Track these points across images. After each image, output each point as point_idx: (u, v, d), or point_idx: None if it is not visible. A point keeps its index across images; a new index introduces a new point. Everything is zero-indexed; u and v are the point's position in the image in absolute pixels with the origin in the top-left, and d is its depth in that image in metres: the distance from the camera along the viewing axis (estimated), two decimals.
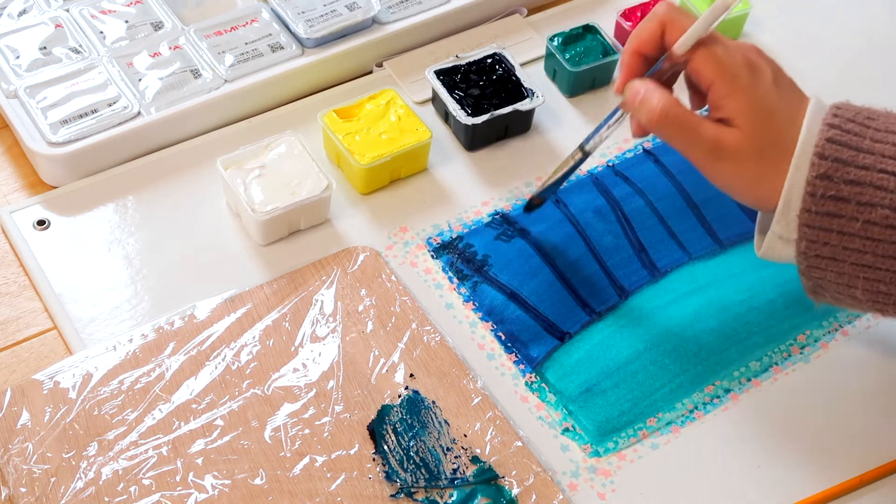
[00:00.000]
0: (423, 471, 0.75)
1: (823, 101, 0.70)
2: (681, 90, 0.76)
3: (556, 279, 0.86)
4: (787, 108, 0.70)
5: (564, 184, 0.85)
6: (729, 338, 0.83)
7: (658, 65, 0.74)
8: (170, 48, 0.97)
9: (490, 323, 0.84)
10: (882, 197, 0.66)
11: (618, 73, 0.76)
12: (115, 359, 0.79)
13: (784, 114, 0.70)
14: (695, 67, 0.72)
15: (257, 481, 0.74)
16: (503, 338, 0.83)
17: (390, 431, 0.76)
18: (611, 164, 0.94)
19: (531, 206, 0.87)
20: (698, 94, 0.76)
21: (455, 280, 0.86)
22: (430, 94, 0.97)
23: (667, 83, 0.75)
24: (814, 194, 0.67)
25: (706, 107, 0.73)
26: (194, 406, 0.77)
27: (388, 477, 0.74)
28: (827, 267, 0.69)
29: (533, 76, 0.97)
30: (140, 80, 0.94)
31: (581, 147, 0.81)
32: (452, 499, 0.74)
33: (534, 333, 0.83)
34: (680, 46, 0.72)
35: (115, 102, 0.93)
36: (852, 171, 0.67)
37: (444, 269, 0.87)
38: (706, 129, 0.71)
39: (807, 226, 0.68)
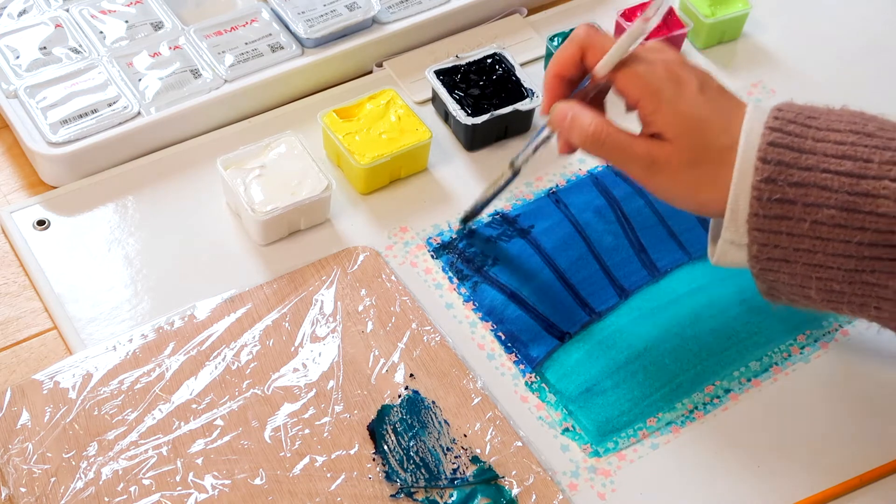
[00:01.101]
0: (423, 471, 0.75)
1: (762, 105, 0.70)
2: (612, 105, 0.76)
3: (556, 279, 0.86)
4: (717, 115, 0.70)
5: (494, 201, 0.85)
6: (729, 338, 0.83)
7: (582, 84, 0.75)
8: (170, 48, 0.97)
9: (490, 323, 0.84)
10: (827, 197, 0.66)
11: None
12: (115, 359, 0.79)
13: (714, 121, 0.70)
14: (620, 87, 0.73)
15: (257, 481, 0.74)
16: (503, 338, 0.83)
17: (390, 431, 0.76)
18: None
19: (463, 223, 0.88)
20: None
21: (455, 280, 0.86)
22: (430, 94, 0.97)
23: (597, 98, 0.76)
24: (760, 198, 0.67)
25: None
26: (194, 406, 0.77)
27: (388, 477, 0.74)
28: (779, 269, 0.69)
29: (533, 76, 0.97)
30: (140, 80, 0.94)
31: (511, 164, 0.82)
32: (452, 499, 0.74)
33: (534, 333, 0.83)
34: (601, 69, 0.73)
35: (115, 102, 0.93)
36: (796, 172, 0.66)
37: (444, 269, 0.87)
38: (638, 145, 0.71)
39: (756, 230, 0.68)
